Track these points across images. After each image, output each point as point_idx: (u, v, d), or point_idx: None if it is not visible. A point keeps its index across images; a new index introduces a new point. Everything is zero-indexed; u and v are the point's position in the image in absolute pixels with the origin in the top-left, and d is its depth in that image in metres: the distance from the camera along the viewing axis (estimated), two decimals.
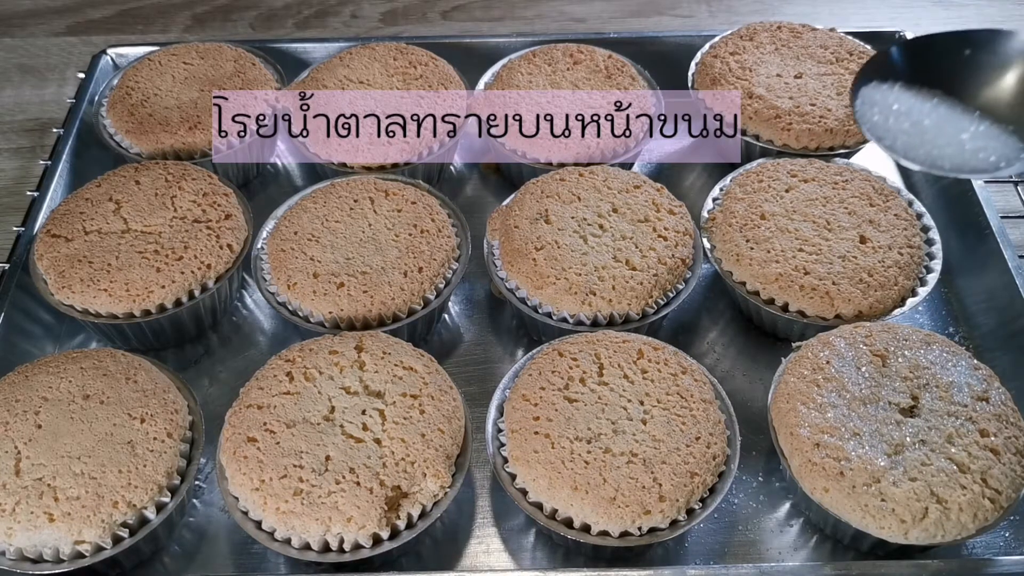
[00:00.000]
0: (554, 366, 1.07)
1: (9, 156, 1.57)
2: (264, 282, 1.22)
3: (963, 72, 0.98)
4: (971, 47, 1.01)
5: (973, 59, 0.99)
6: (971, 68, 0.98)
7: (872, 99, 0.96)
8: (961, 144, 0.93)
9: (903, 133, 0.94)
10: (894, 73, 0.98)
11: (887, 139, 0.94)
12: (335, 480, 0.97)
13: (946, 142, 0.93)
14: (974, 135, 0.94)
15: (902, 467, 0.97)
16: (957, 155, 0.92)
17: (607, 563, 1.05)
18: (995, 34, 1.01)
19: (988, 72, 0.98)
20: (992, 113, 0.95)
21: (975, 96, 0.96)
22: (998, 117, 0.95)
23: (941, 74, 0.98)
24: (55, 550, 0.96)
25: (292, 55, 1.58)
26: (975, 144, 0.93)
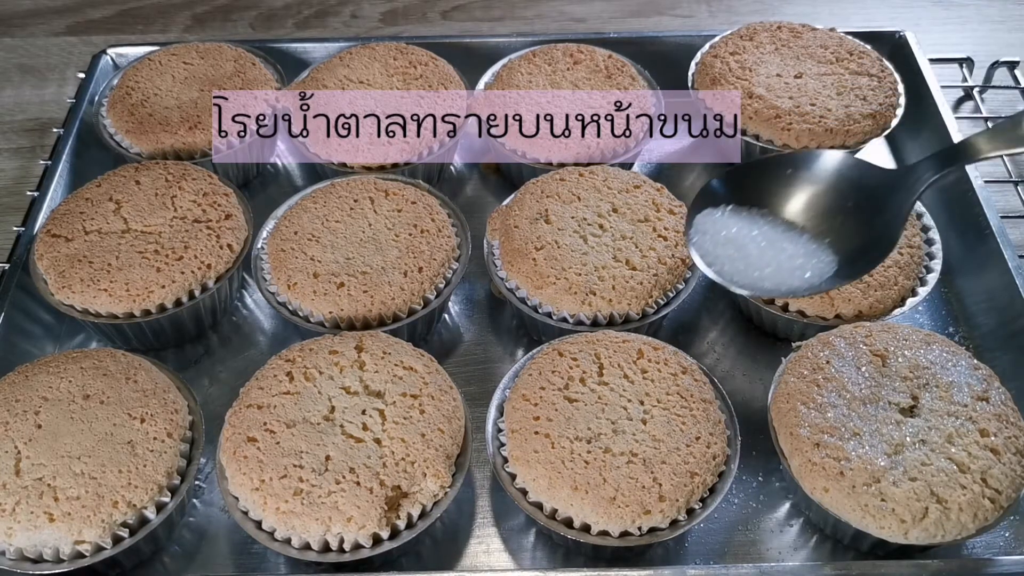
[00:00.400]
0: (554, 366, 1.07)
1: (9, 156, 1.57)
2: (264, 282, 1.22)
3: (784, 192, 1.05)
4: (791, 167, 1.08)
5: (793, 178, 1.06)
6: (791, 187, 1.05)
7: (703, 227, 1.03)
8: (781, 263, 0.99)
9: (730, 259, 1.00)
10: (723, 199, 1.05)
11: (716, 266, 1.01)
12: (335, 480, 0.97)
13: (767, 263, 0.99)
14: (793, 254, 1.00)
15: (902, 467, 0.97)
16: (777, 275, 0.98)
17: (607, 563, 1.05)
18: (812, 154, 1.09)
19: (806, 190, 1.05)
20: (811, 230, 1.02)
21: (796, 214, 1.03)
22: (816, 233, 1.02)
23: (765, 196, 1.05)
24: (55, 550, 0.96)
25: (292, 55, 1.58)
26: (794, 263, 1.00)
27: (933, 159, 1.05)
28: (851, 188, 1.04)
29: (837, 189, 1.04)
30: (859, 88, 1.39)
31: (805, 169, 1.06)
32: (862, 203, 1.02)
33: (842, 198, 1.03)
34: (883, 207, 1.02)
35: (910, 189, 1.02)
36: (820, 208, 1.03)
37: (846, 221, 1.01)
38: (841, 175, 1.06)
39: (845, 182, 1.05)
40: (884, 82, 1.41)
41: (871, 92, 1.39)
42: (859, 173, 1.06)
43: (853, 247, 1.00)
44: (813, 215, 1.02)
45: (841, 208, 1.03)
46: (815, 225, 1.01)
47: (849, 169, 1.06)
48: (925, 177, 1.04)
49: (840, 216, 1.02)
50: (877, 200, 1.03)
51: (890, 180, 1.05)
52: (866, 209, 1.02)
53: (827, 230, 1.01)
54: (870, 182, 1.05)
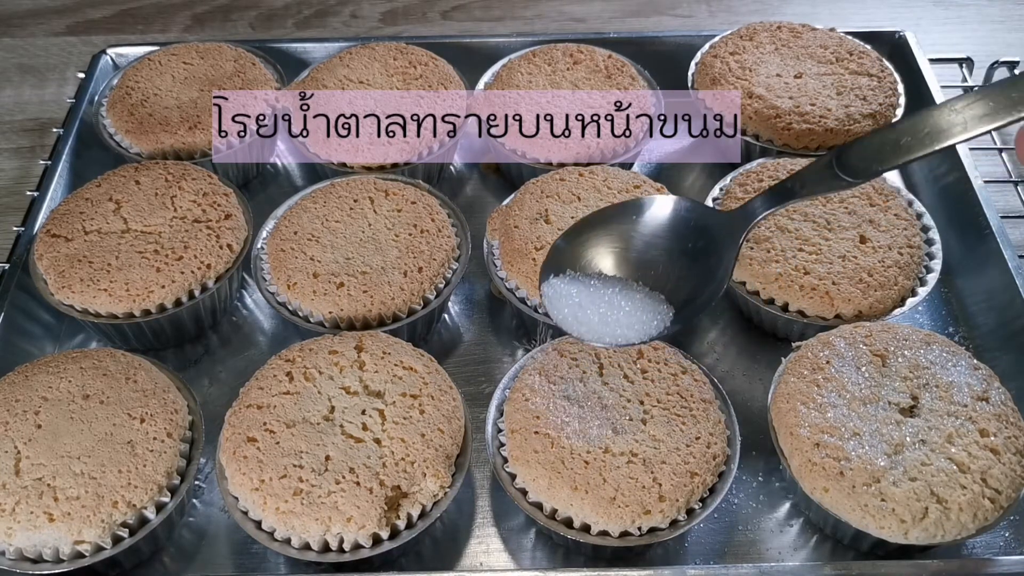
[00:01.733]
0: (554, 366, 1.07)
1: (9, 156, 1.57)
2: (264, 282, 1.22)
3: (622, 245, 1.07)
4: (634, 213, 1.09)
5: (632, 227, 1.08)
6: (629, 238, 1.07)
7: (550, 294, 1.04)
8: (621, 320, 1.01)
9: (578, 321, 1.02)
10: (566, 261, 1.07)
11: (575, 328, 1.02)
12: (335, 480, 0.97)
13: (610, 322, 1.01)
14: (631, 310, 1.02)
15: (902, 467, 0.97)
16: (620, 331, 1.01)
17: (607, 563, 1.05)
18: (650, 200, 1.10)
19: (643, 238, 1.07)
20: (648, 282, 1.04)
21: (632, 270, 1.05)
22: (653, 285, 1.04)
23: (603, 252, 1.07)
24: (55, 550, 0.96)
25: (292, 55, 1.58)
26: (632, 318, 1.01)
27: (763, 198, 1.05)
28: (687, 231, 1.07)
29: (674, 234, 1.07)
30: (859, 88, 1.39)
31: (644, 215, 1.08)
32: (696, 246, 1.05)
33: (678, 242, 1.06)
34: (714, 249, 1.04)
35: (738, 230, 1.04)
36: (655, 257, 1.05)
37: (680, 268, 1.04)
38: (677, 219, 1.08)
39: (681, 226, 1.07)
40: (884, 82, 1.41)
41: (871, 92, 1.39)
42: (694, 215, 1.08)
43: (686, 294, 1.03)
44: (648, 267, 1.05)
45: (676, 253, 1.05)
46: (650, 277, 1.04)
47: (686, 212, 1.08)
48: (752, 216, 1.05)
49: (674, 263, 1.05)
50: (709, 242, 1.05)
51: (721, 221, 1.07)
52: (699, 252, 1.05)
53: (663, 280, 1.04)
54: (703, 223, 1.07)
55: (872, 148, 0.98)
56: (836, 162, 1.00)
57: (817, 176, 1.02)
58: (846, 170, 0.99)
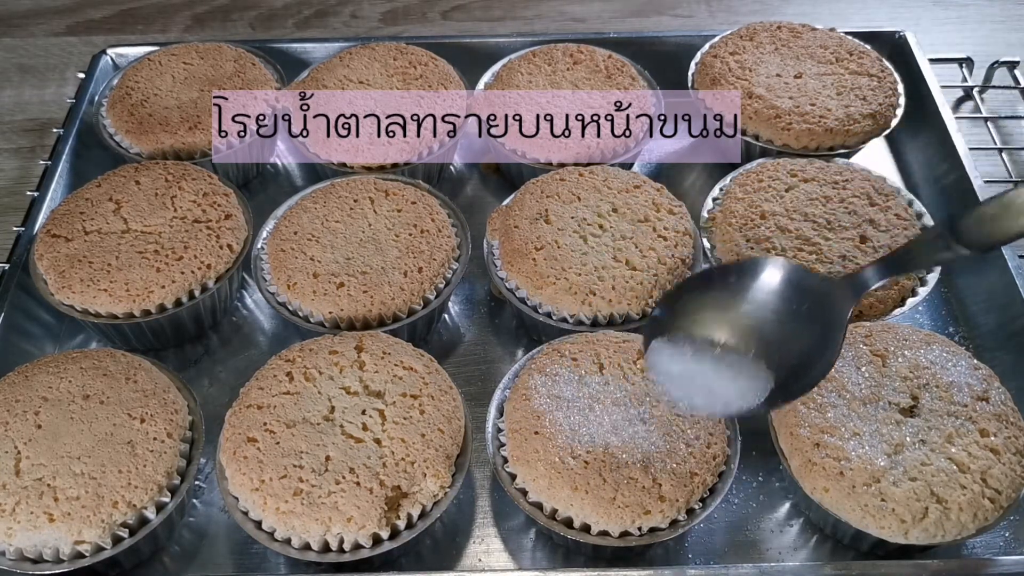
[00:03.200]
0: (554, 366, 1.07)
1: (9, 156, 1.57)
2: (264, 282, 1.22)
3: (723, 311, 1.01)
4: (734, 275, 1.04)
5: (734, 290, 1.03)
6: (731, 303, 1.01)
7: (654, 364, 0.99)
8: (728, 389, 0.97)
9: (684, 390, 0.98)
10: (667, 328, 1.01)
11: (685, 401, 0.98)
12: (335, 480, 0.97)
13: (716, 392, 0.97)
14: (735, 377, 0.97)
15: (902, 467, 0.97)
16: (727, 400, 0.96)
17: (607, 563, 1.05)
18: (753, 263, 1.04)
19: (746, 302, 1.01)
20: (753, 350, 0.98)
21: (736, 337, 0.98)
22: (757, 353, 0.97)
23: (705, 319, 1.00)
24: (55, 550, 0.96)
25: (292, 55, 1.58)
26: (736, 388, 0.96)
27: (875, 268, 1.01)
28: (793, 297, 1.01)
29: (779, 300, 1.01)
30: (859, 88, 1.39)
31: (747, 278, 1.03)
32: (801, 311, 1.00)
33: (785, 309, 1.01)
34: (821, 317, 0.99)
35: (848, 299, 1.00)
36: (760, 324, 0.99)
37: (786, 335, 0.99)
38: (784, 284, 1.02)
39: (787, 291, 1.02)
40: (884, 82, 1.41)
41: (871, 92, 1.39)
42: (801, 281, 1.03)
43: (793, 362, 0.97)
44: (752, 334, 0.99)
45: (782, 320, 1.00)
46: (754, 343, 0.98)
47: (792, 277, 1.03)
48: (863, 287, 1.00)
49: (780, 330, 0.99)
50: (815, 309, 1.00)
51: (829, 289, 1.02)
52: (805, 319, 1.00)
53: (768, 347, 0.98)
54: (810, 290, 1.02)
55: (989, 216, 0.91)
56: (951, 231, 0.93)
57: (931, 248, 0.97)
58: (962, 240, 0.92)
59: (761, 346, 0.97)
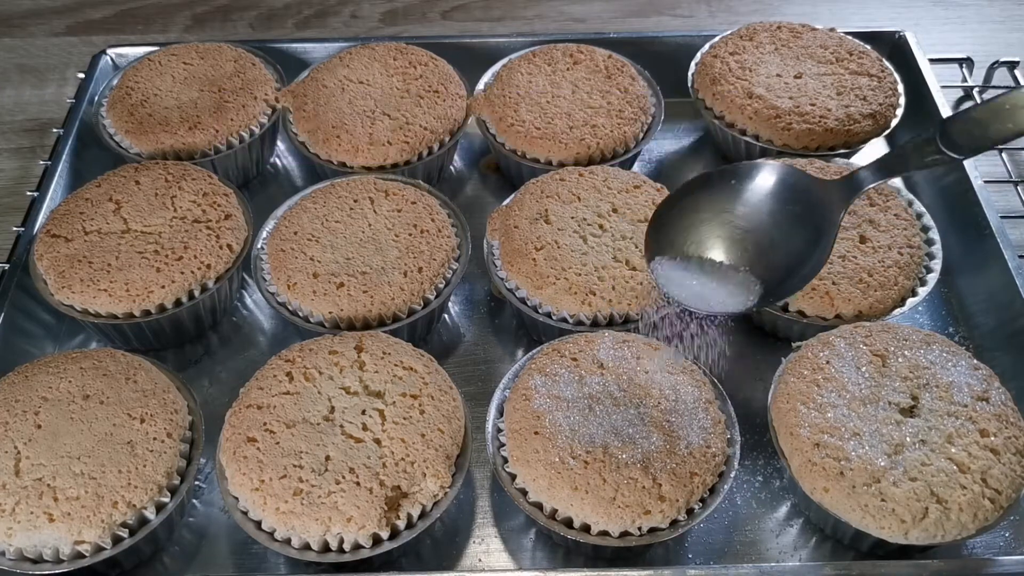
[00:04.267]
0: (554, 366, 1.07)
1: (9, 156, 1.57)
2: (264, 282, 1.22)
3: (719, 225, 1.04)
4: (733, 178, 1.07)
5: (724, 205, 1.06)
6: (723, 217, 1.05)
7: (664, 274, 1.04)
8: (730, 294, 1.01)
9: (696, 299, 1.01)
10: (670, 237, 1.05)
11: (683, 300, 1.02)
12: (335, 480, 0.97)
13: (720, 297, 1.01)
14: (735, 284, 1.01)
15: (902, 467, 0.97)
16: (732, 303, 1.01)
17: (607, 563, 1.05)
18: (736, 170, 1.07)
19: (737, 217, 1.05)
20: (744, 259, 1.02)
21: (731, 248, 1.03)
22: (750, 261, 1.02)
23: (704, 234, 1.04)
24: (55, 550, 0.96)
25: (292, 55, 1.58)
26: (737, 292, 1.01)
27: (869, 169, 1.04)
28: (788, 199, 1.05)
29: (774, 203, 1.05)
30: (859, 88, 1.39)
31: (744, 183, 1.06)
32: (796, 212, 1.03)
33: (779, 212, 1.04)
34: (814, 218, 1.03)
35: (841, 200, 1.03)
36: (754, 233, 1.03)
37: (780, 238, 1.02)
38: (779, 186, 1.06)
39: (782, 193, 1.05)
40: (884, 82, 1.41)
41: (871, 92, 1.39)
42: (796, 182, 1.06)
43: (785, 265, 1.01)
44: (746, 244, 1.02)
45: (776, 224, 1.03)
46: (748, 253, 1.02)
47: (788, 178, 1.06)
48: (858, 187, 1.03)
49: (774, 235, 1.03)
50: (809, 210, 1.03)
51: (824, 190, 1.05)
52: (799, 219, 1.03)
53: (762, 254, 1.02)
54: (805, 190, 1.05)
55: (977, 121, 0.94)
56: (940, 136, 0.96)
57: (920, 151, 0.99)
58: (950, 145, 0.95)
59: (753, 259, 1.01)
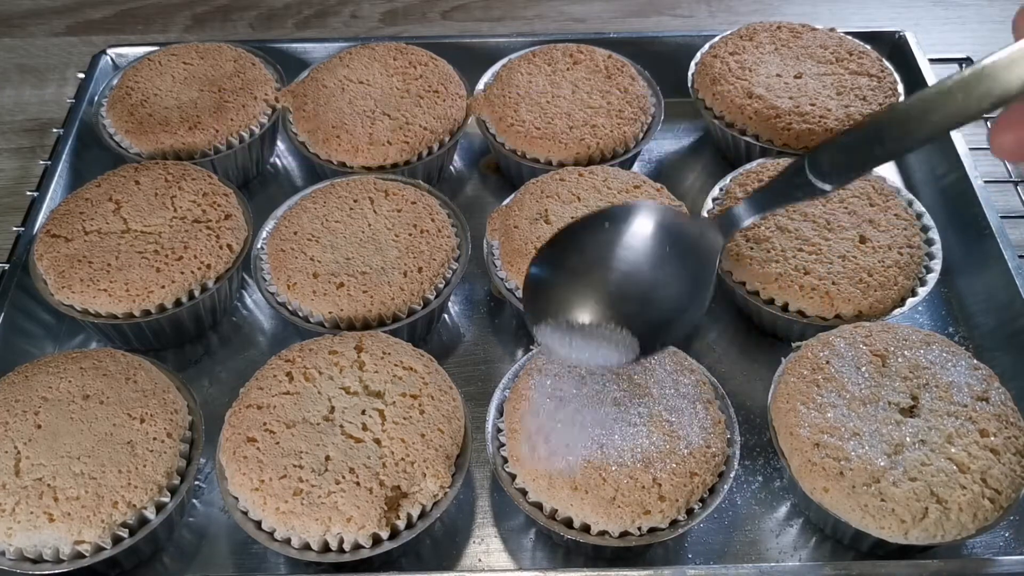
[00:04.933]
0: (554, 366, 1.07)
1: (9, 156, 1.57)
2: (264, 282, 1.22)
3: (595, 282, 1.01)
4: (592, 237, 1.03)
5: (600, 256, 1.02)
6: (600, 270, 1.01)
7: (547, 341, 1.00)
8: (611, 350, 0.98)
9: (579, 355, 0.99)
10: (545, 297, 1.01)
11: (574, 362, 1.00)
12: (335, 480, 0.97)
13: (602, 354, 0.98)
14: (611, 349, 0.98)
15: (902, 467, 0.97)
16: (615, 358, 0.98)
17: (607, 563, 1.05)
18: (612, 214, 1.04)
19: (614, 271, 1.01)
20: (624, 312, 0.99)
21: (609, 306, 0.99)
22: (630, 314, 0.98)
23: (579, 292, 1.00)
24: (55, 550, 0.96)
25: (292, 55, 1.58)
26: (617, 348, 0.98)
27: (744, 205, 1.01)
28: (665, 242, 1.01)
29: (652, 247, 1.01)
30: (859, 88, 1.39)
31: (619, 228, 1.03)
32: (675, 255, 1.00)
33: (656, 258, 1.01)
34: (694, 260, 1.00)
35: (718, 239, 1.00)
36: (633, 284, 1.00)
37: (660, 285, 1.00)
38: (656, 230, 1.02)
39: (660, 236, 1.02)
40: (884, 82, 1.41)
41: (871, 92, 1.39)
42: (671, 224, 1.03)
43: (670, 309, 0.99)
44: (624, 299, 0.99)
45: (655, 270, 1.00)
46: (627, 308, 0.98)
47: (664, 221, 1.03)
48: (734, 225, 1.01)
49: (654, 283, 1.00)
50: (688, 253, 1.00)
51: (700, 230, 1.02)
52: (679, 263, 1.00)
53: (642, 306, 0.99)
54: (681, 232, 1.02)
55: (845, 147, 0.89)
56: (809, 166, 0.91)
57: (790, 183, 0.95)
58: (819, 174, 0.90)
59: (626, 316, 0.98)
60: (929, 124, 0.80)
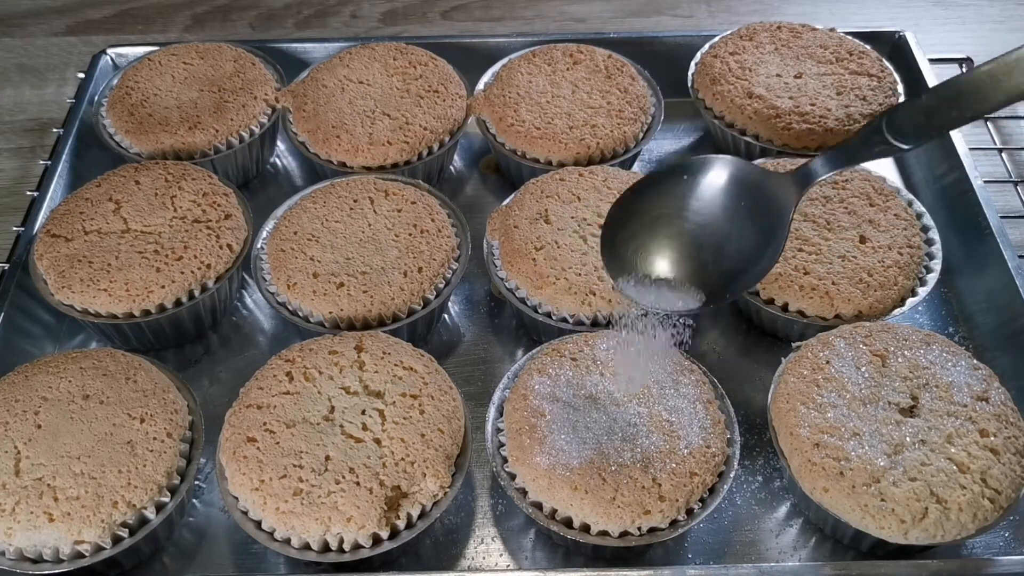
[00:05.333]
0: (554, 366, 1.07)
1: (9, 156, 1.57)
2: (264, 282, 1.22)
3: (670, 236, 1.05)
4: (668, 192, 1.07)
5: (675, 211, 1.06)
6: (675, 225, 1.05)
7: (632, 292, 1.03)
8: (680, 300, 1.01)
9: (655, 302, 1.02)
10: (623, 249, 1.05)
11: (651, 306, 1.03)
12: (335, 480, 0.97)
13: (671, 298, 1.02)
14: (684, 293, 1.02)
15: (902, 467, 0.97)
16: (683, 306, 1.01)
17: (607, 563, 1.05)
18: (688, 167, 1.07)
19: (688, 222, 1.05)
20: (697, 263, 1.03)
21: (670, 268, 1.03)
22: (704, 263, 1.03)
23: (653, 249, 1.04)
24: (55, 550, 0.96)
25: (292, 55, 1.58)
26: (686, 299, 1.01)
27: (821, 160, 1.05)
28: (739, 196, 1.05)
29: (726, 200, 1.05)
30: (859, 88, 1.39)
31: (695, 182, 1.06)
32: (749, 209, 1.04)
33: (731, 210, 1.04)
34: (768, 212, 1.03)
35: (794, 193, 1.04)
36: (706, 236, 1.03)
37: (733, 236, 1.03)
38: (730, 183, 1.06)
39: (734, 190, 1.05)
40: (884, 82, 1.41)
41: (871, 92, 1.39)
42: (748, 177, 1.06)
43: (742, 261, 1.02)
44: (698, 250, 1.03)
45: (728, 222, 1.04)
46: (700, 259, 1.02)
47: (739, 174, 1.07)
48: (810, 179, 1.04)
49: (726, 235, 1.03)
50: (763, 205, 1.04)
51: (777, 183, 1.06)
52: (753, 215, 1.04)
53: (716, 256, 1.03)
54: (757, 186, 1.05)
55: (924, 108, 0.94)
56: (887, 125, 0.96)
57: (868, 142, 0.99)
58: (897, 134, 0.95)
59: (702, 270, 1.02)
60: (1003, 90, 0.87)
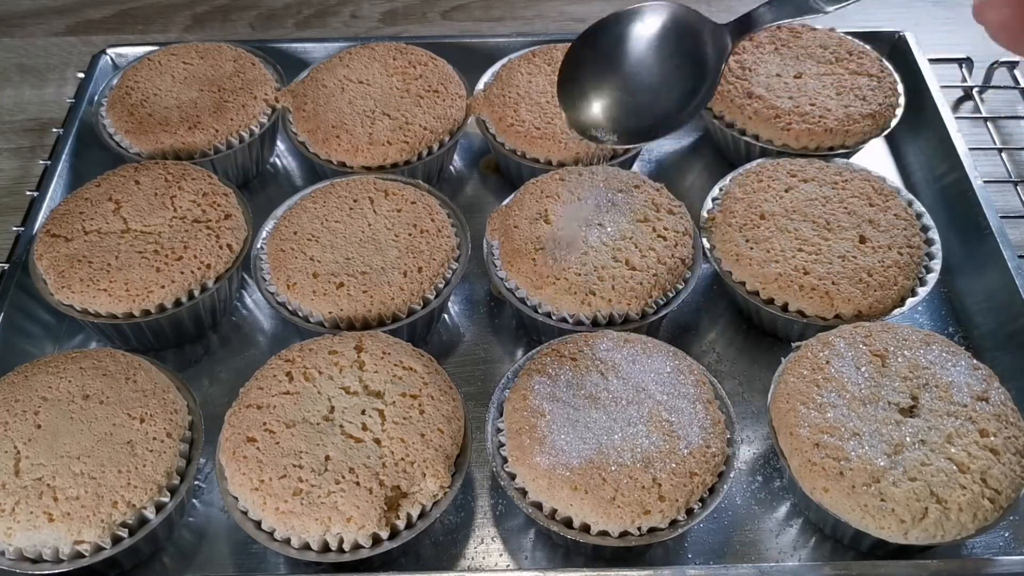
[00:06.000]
0: (554, 366, 1.07)
1: (9, 156, 1.57)
2: (264, 282, 1.22)
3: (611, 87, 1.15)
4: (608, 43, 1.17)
5: (615, 61, 1.16)
6: (615, 77, 1.15)
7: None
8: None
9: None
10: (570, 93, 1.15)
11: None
12: (335, 480, 0.97)
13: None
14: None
15: (902, 467, 0.97)
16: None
17: (607, 563, 1.05)
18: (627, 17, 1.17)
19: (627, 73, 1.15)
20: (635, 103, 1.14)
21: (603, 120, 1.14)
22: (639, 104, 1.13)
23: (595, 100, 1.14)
24: (55, 550, 0.96)
25: (292, 55, 1.59)
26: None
27: (764, 7, 1.13)
28: (676, 39, 1.14)
29: (663, 45, 1.14)
30: (859, 88, 1.39)
31: (633, 29, 1.15)
32: (685, 51, 1.13)
33: (666, 54, 1.14)
34: (703, 57, 1.13)
35: (730, 38, 1.13)
36: (644, 81, 1.13)
37: (667, 76, 1.13)
38: (667, 28, 1.15)
39: (671, 34, 1.14)
40: (884, 82, 1.41)
41: (871, 92, 1.39)
42: (685, 22, 1.15)
43: (676, 100, 1.12)
44: (636, 93, 1.13)
45: (664, 65, 1.14)
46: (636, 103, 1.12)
47: (676, 19, 1.15)
48: (750, 26, 1.13)
49: (662, 76, 1.13)
50: (697, 49, 1.13)
51: (713, 28, 1.14)
52: (688, 58, 1.13)
53: (652, 97, 1.13)
54: (693, 29, 1.14)
55: None
56: None
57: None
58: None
59: (639, 110, 1.13)
60: None
